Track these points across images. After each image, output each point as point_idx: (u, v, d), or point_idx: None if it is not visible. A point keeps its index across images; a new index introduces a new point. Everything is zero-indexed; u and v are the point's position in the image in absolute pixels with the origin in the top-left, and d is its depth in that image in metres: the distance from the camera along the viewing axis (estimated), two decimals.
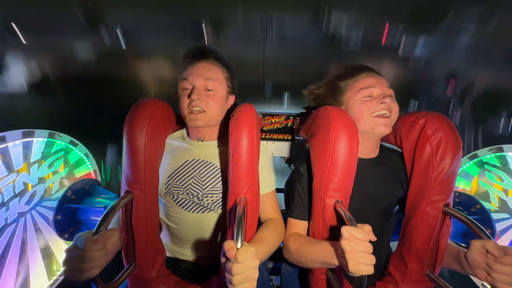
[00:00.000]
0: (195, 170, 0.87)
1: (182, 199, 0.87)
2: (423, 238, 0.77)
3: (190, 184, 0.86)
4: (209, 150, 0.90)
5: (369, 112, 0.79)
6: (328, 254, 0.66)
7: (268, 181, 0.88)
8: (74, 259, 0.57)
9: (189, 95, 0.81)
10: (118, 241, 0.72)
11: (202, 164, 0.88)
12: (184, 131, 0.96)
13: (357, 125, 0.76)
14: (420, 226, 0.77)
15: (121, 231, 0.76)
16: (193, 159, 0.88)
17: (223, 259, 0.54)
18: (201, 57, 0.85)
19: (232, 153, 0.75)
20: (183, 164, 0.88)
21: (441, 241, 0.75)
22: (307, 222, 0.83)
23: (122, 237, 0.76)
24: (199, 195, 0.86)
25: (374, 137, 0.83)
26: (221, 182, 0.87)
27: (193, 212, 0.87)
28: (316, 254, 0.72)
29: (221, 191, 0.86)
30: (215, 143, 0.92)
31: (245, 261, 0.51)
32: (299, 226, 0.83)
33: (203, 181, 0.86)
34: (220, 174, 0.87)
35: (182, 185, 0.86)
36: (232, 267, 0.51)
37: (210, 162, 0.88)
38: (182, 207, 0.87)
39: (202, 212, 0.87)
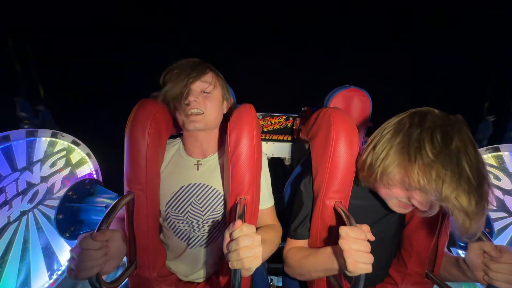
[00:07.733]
0: (192, 196, 0.85)
1: (180, 230, 0.85)
2: (424, 240, 0.77)
3: (188, 211, 0.84)
4: (206, 169, 0.87)
5: (395, 205, 0.69)
6: (329, 259, 0.66)
7: (265, 195, 0.86)
8: (74, 257, 0.58)
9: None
10: (122, 244, 0.72)
11: (199, 188, 0.85)
12: (180, 145, 0.91)
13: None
14: (421, 228, 0.77)
15: (124, 233, 0.76)
16: (189, 184, 0.85)
17: (227, 239, 0.58)
18: (196, 68, 0.82)
19: (231, 153, 0.75)
20: (179, 190, 0.85)
21: (440, 241, 0.75)
22: (306, 240, 0.81)
23: (125, 237, 0.76)
24: (199, 222, 0.84)
25: None
26: (221, 204, 0.85)
27: (190, 247, 0.85)
28: (318, 262, 0.71)
29: (222, 212, 0.85)
30: (214, 157, 0.88)
31: (250, 232, 0.57)
32: (298, 243, 0.82)
33: (201, 207, 0.84)
34: (219, 195, 0.85)
35: (181, 214, 0.84)
36: (238, 239, 0.56)
37: (207, 185, 0.85)
38: (180, 238, 0.86)
39: (200, 246, 0.85)
